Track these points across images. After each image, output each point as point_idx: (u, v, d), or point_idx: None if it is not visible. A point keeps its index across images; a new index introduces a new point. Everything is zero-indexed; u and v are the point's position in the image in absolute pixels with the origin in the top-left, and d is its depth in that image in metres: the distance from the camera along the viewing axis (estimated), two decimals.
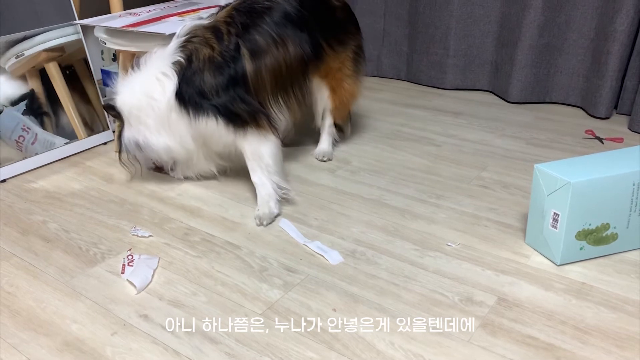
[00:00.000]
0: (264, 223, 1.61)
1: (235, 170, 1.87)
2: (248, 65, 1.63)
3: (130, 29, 1.86)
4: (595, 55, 2.39)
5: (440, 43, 2.75)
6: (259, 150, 1.66)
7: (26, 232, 1.59)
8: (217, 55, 1.60)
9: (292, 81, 1.74)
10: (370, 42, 2.99)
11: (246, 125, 1.63)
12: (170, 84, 1.61)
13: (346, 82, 1.94)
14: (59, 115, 2.06)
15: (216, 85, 1.60)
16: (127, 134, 1.70)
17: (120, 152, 1.76)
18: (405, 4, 2.82)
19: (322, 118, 2.03)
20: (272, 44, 1.66)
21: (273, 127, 1.67)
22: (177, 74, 1.61)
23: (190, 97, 1.60)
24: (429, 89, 2.86)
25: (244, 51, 1.63)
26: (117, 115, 1.70)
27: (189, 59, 1.61)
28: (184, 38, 1.64)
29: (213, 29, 1.64)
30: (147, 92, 1.64)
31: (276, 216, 1.64)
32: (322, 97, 1.95)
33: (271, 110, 1.70)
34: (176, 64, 1.61)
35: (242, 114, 1.62)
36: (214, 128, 1.62)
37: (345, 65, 1.91)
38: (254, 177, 1.69)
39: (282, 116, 1.75)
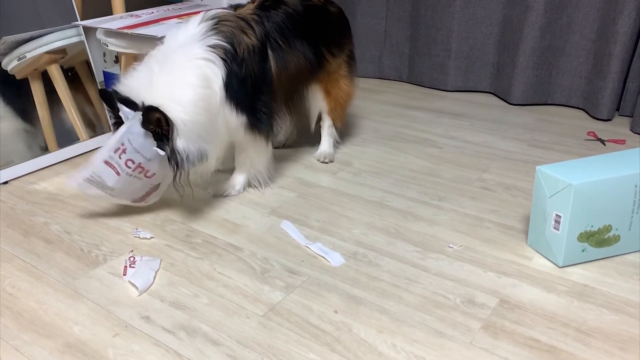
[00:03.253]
0: (212, 193, 1.76)
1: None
2: (273, 67, 1.64)
3: (125, 30, 1.86)
4: (597, 57, 2.39)
5: (442, 45, 2.75)
6: (257, 157, 1.75)
7: (28, 233, 1.59)
8: (256, 46, 1.57)
9: (297, 89, 1.80)
10: (372, 44, 3.00)
11: (261, 132, 1.67)
12: (218, 71, 1.46)
13: (341, 83, 1.96)
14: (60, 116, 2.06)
15: (255, 79, 1.58)
16: (183, 143, 1.41)
17: (177, 170, 1.44)
18: (407, 6, 2.82)
19: (321, 120, 2.04)
20: (289, 51, 1.69)
21: (272, 138, 1.75)
22: (223, 60, 1.47)
23: (237, 89, 1.51)
24: (430, 90, 2.86)
25: (270, 53, 1.64)
26: (160, 121, 1.38)
27: (231, 43, 1.51)
28: (212, 21, 1.54)
29: (244, 19, 1.61)
30: (200, 83, 1.42)
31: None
32: (317, 100, 1.97)
33: (277, 117, 1.75)
34: (217, 48, 1.49)
35: (263, 120, 1.65)
36: (236, 126, 1.61)
37: (341, 68, 1.94)
38: (239, 171, 1.78)
39: (283, 124, 1.79)
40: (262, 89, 1.64)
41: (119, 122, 1.47)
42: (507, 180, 1.87)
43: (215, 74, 1.49)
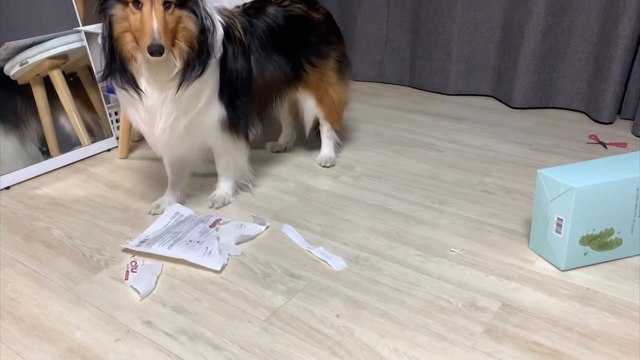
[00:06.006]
0: (215, 206, 1.74)
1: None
2: (254, 71, 1.66)
3: None
4: (598, 60, 2.39)
5: (442, 49, 2.75)
6: (239, 158, 1.76)
7: (30, 238, 1.60)
8: (243, 43, 1.61)
9: (272, 98, 1.82)
10: (373, 49, 3.00)
11: (239, 131, 1.69)
12: (220, 30, 1.52)
13: (332, 90, 1.96)
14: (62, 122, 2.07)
15: (238, 75, 1.60)
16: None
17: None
18: (408, 10, 2.83)
19: (319, 125, 2.05)
20: (267, 60, 1.71)
21: (248, 137, 1.76)
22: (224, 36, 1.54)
23: (228, 72, 1.57)
24: (431, 94, 2.86)
25: (252, 58, 1.65)
26: None
27: (226, 28, 1.57)
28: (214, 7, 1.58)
29: (234, 16, 1.65)
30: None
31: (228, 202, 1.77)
32: (309, 107, 1.97)
33: (252, 121, 1.76)
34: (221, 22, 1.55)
35: (242, 118, 1.66)
36: (215, 119, 1.61)
37: (327, 75, 1.93)
38: (224, 177, 1.78)
39: (257, 127, 1.81)
40: (243, 88, 1.65)
41: None
42: (508, 183, 1.87)
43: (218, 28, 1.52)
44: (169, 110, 1.49)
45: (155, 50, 1.33)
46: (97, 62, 2.16)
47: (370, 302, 1.30)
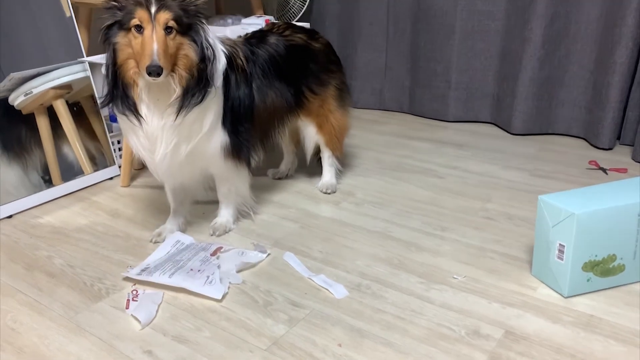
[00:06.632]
0: (217, 233, 1.74)
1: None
2: (256, 98, 1.68)
3: None
4: (596, 87, 2.41)
5: (442, 77, 2.79)
6: (241, 185, 1.77)
7: (31, 267, 1.59)
8: (246, 71, 1.64)
9: (274, 125, 1.84)
10: (373, 77, 3.04)
11: (242, 158, 1.70)
12: (222, 59, 1.57)
13: (332, 117, 1.98)
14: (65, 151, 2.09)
15: (240, 102, 1.64)
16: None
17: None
18: (407, 40, 2.87)
19: (320, 152, 2.06)
20: (269, 88, 1.74)
21: (250, 164, 1.77)
22: (227, 64, 1.58)
23: (231, 98, 1.60)
24: (432, 121, 2.88)
25: (254, 85, 1.68)
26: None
27: (230, 57, 1.61)
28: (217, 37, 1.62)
29: (236, 45, 1.68)
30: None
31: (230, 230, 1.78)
32: (310, 134, 1.99)
33: (254, 148, 1.78)
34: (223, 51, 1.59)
35: (244, 145, 1.68)
36: (217, 146, 1.63)
37: (327, 103, 1.96)
38: (225, 204, 1.79)
39: (259, 154, 1.82)
40: (246, 115, 1.68)
41: None
42: (510, 209, 1.87)
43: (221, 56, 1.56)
44: (168, 136, 1.50)
45: (154, 71, 1.35)
46: (100, 92, 2.18)
47: (372, 331, 1.29)
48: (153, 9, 1.38)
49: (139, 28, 1.39)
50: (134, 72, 1.43)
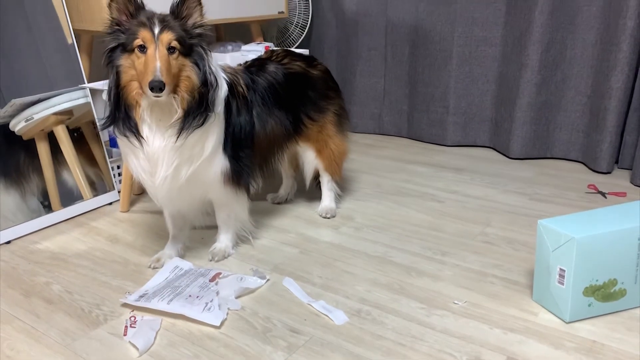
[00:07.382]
0: (215, 259, 1.74)
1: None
2: (257, 125, 1.70)
3: None
4: (593, 111, 2.43)
5: (440, 101, 2.81)
6: (240, 211, 1.77)
7: (29, 294, 1.58)
8: (246, 98, 1.67)
9: (273, 151, 1.85)
10: (372, 102, 3.06)
11: (241, 184, 1.70)
12: (224, 86, 1.59)
13: (331, 142, 1.99)
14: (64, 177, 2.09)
15: (241, 129, 1.66)
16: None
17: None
18: (405, 65, 2.90)
19: (319, 177, 2.07)
20: (269, 115, 1.76)
21: (249, 189, 1.78)
22: (228, 91, 1.61)
23: (232, 124, 1.62)
24: (430, 145, 2.90)
25: (254, 112, 1.70)
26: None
27: (231, 84, 1.63)
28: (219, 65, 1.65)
29: (237, 73, 1.71)
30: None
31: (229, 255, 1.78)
32: (309, 158, 2.00)
33: (254, 174, 1.79)
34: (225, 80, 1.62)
35: (245, 170, 1.69)
36: (217, 171, 1.63)
37: (326, 128, 1.97)
38: (224, 229, 1.79)
39: (258, 180, 1.83)
40: (246, 141, 1.69)
41: None
42: (509, 234, 1.87)
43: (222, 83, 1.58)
44: (170, 158, 1.51)
45: (156, 86, 1.37)
46: (100, 116, 2.19)
47: (373, 357, 1.28)
48: (156, 30, 1.40)
49: (142, 48, 1.41)
50: (136, 92, 1.45)
